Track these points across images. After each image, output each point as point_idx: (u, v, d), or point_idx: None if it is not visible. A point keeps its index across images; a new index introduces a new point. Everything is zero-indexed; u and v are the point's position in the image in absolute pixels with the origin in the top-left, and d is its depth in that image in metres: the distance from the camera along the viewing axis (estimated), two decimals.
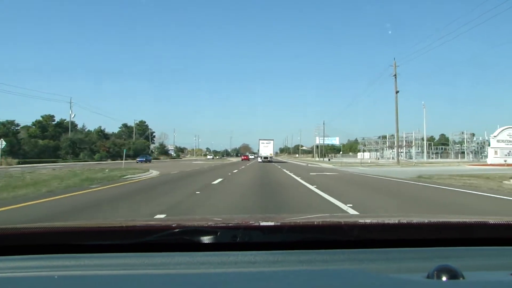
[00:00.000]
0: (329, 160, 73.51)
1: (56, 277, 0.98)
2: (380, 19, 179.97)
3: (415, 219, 1.59)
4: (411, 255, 1.14)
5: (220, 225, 1.44)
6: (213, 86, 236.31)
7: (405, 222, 1.54)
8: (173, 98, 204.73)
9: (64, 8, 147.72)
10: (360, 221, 1.57)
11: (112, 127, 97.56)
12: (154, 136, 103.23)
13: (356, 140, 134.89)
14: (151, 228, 1.39)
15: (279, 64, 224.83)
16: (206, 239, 1.17)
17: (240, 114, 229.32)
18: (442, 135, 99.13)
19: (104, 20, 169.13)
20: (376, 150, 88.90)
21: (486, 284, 0.93)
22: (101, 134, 75.74)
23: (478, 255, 1.16)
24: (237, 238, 1.17)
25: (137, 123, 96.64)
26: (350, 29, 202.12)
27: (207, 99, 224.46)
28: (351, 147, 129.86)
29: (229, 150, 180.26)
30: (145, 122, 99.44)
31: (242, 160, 71.65)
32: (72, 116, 62.66)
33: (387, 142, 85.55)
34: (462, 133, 74.36)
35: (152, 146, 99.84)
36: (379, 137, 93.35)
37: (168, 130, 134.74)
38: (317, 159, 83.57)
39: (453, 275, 0.89)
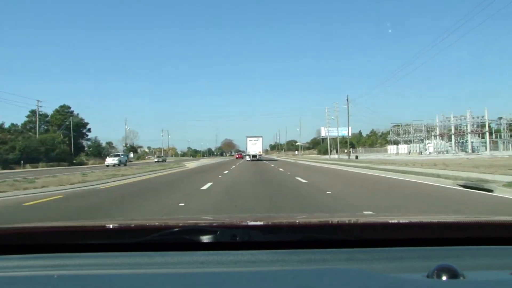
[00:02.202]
0: (356, 158, 44.89)
1: (55, 276, 0.98)
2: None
3: (414, 219, 1.59)
4: (411, 255, 1.13)
5: (220, 224, 1.42)
6: (206, 84, 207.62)
7: (405, 221, 1.54)
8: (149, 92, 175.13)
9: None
10: (360, 220, 1.56)
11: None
12: (89, 130, 70.08)
13: (360, 132, 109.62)
14: (150, 227, 1.38)
15: (268, 59, 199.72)
16: (206, 238, 1.18)
17: (226, 112, 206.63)
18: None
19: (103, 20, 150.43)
20: (416, 141, 61.07)
21: (486, 283, 0.92)
22: None
23: (478, 254, 1.15)
24: (236, 238, 1.18)
25: (56, 109, 64.45)
26: (347, 26, 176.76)
27: (194, 96, 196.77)
28: (359, 141, 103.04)
29: (213, 149, 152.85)
30: (69, 107, 66.91)
31: (236, 158, 69.19)
32: None
33: (437, 129, 57.09)
34: (500, 118, 61.85)
35: (86, 143, 67.98)
36: (393, 126, 67.49)
37: (140, 127, 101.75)
38: (334, 156, 54.00)
39: (453, 274, 0.88)
